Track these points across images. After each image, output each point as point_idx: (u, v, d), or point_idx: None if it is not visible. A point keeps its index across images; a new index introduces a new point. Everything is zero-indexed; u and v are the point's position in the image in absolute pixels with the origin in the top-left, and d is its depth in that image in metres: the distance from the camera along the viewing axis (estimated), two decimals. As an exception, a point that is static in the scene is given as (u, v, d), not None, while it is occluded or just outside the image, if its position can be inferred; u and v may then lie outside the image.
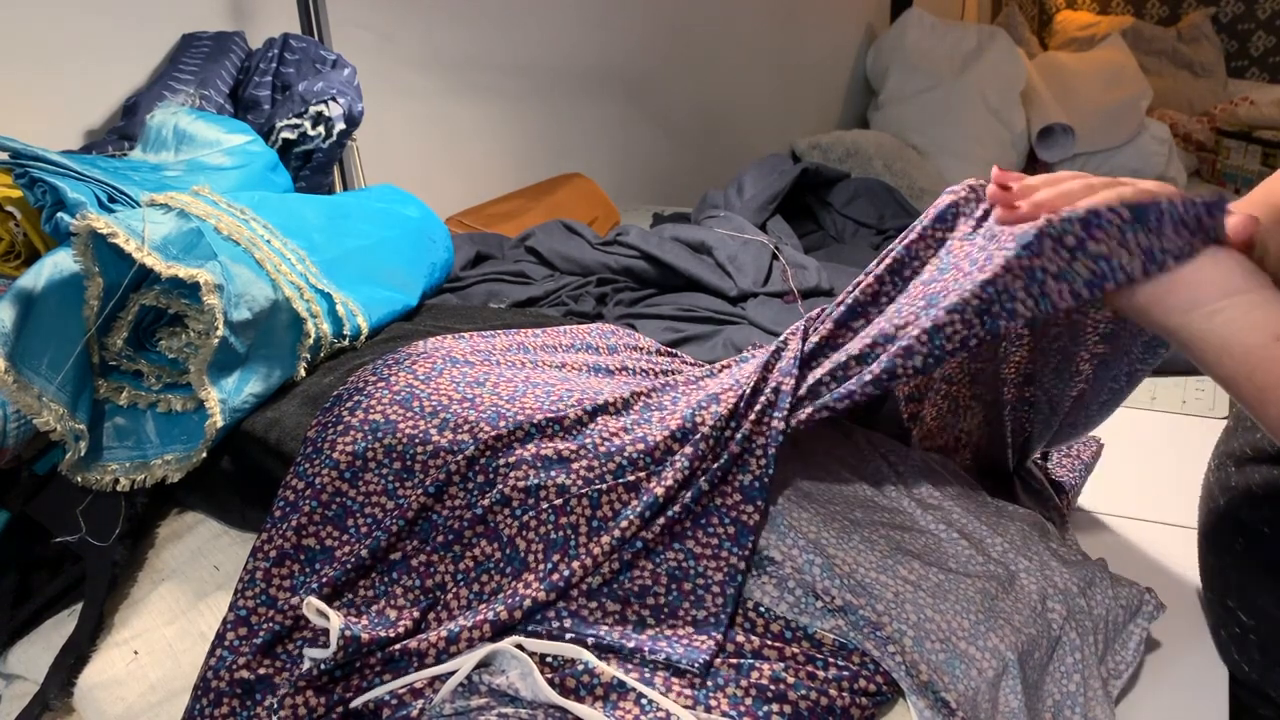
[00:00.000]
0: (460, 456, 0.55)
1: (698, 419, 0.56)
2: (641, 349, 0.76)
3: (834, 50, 2.96)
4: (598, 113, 1.88)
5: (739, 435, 0.55)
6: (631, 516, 0.52)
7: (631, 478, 0.53)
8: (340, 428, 0.58)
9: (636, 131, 2.01)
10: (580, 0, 1.76)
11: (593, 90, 1.85)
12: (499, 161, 1.63)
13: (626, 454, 0.54)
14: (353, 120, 1.05)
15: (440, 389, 0.59)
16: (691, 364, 0.76)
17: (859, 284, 0.57)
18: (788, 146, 2.55)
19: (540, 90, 1.70)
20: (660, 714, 0.44)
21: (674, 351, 0.78)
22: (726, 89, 2.33)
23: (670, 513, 0.52)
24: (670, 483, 0.52)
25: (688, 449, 0.54)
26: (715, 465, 0.54)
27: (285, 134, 1.00)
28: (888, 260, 0.56)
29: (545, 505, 0.52)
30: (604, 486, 0.52)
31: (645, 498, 0.52)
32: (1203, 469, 0.65)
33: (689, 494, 0.52)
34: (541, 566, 0.51)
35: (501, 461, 0.54)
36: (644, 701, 0.45)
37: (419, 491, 0.54)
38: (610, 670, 0.46)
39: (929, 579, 0.53)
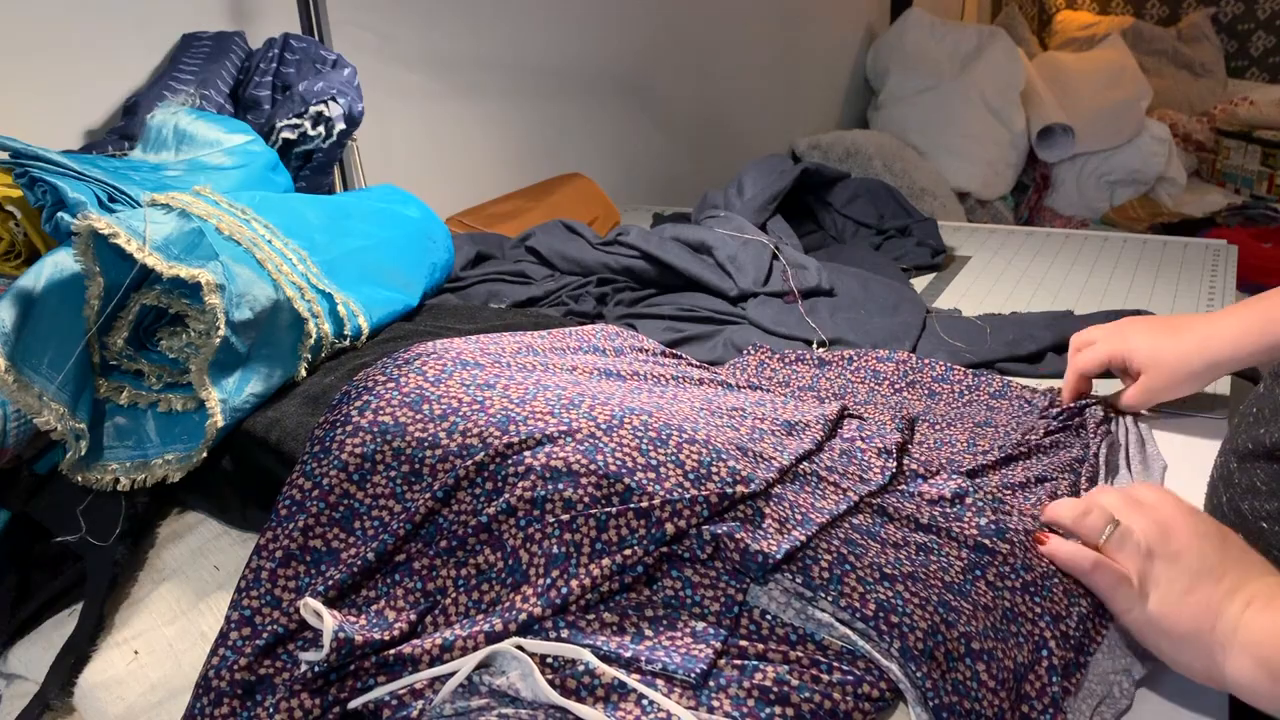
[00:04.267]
0: (469, 461, 0.54)
1: (714, 469, 0.55)
2: (646, 350, 0.76)
3: (834, 50, 2.96)
4: (598, 113, 1.87)
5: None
6: (636, 547, 0.51)
7: (643, 504, 0.52)
8: (349, 428, 0.57)
9: (636, 131, 2.01)
10: (581, 0, 1.76)
11: (593, 90, 1.85)
12: (499, 161, 1.63)
13: (636, 478, 0.53)
14: (353, 120, 1.05)
15: (450, 391, 0.59)
16: (697, 366, 0.76)
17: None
18: (788, 146, 2.55)
19: (540, 90, 1.70)
20: (661, 714, 0.44)
21: (678, 354, 0.77)
22: (726, 89, 2.33)
23: (675, 548, 0.52)
24: (683, 524, 0.52)
25: (703, 491, 0.54)
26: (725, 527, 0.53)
27: (285, 134, 1.00)
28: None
29: (551, 519, 0.52)
30: (613, 510, 0.52)
31: (654, 531, 0.52)
32: (1207, 465, 0.65)
33: (695, 542, 0.52)
34: (541, 581, 0.50)
35: (510, 470, 0.54)
36: (645, 702, 0.45)
37: (427, 496, 0.54)
38: (611, 671, 0.46)
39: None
